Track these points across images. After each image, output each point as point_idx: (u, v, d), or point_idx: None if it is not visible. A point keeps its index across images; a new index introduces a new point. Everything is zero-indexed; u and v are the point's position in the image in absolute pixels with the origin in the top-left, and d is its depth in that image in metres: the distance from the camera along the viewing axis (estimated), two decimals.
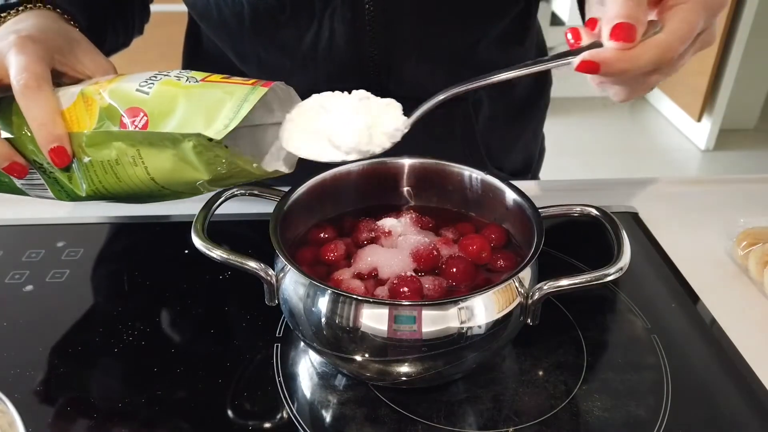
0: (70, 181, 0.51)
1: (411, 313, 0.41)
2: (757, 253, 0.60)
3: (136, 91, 0.48)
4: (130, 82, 0.49)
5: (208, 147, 0.45)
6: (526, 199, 0.51)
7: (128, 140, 0.47)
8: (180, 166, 0.47)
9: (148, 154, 0.47)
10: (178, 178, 0.48)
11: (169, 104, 0.47)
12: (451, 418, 0.46)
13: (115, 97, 0.48)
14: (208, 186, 0.49)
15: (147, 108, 0.47)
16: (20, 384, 0.49)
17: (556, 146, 0.99)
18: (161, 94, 0.48)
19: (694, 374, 0.50)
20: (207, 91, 0.47)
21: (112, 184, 0.50)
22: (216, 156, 0.46)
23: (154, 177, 0.48)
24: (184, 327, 0.56)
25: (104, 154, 0.48)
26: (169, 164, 0.47)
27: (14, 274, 0.61)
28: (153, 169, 0.48)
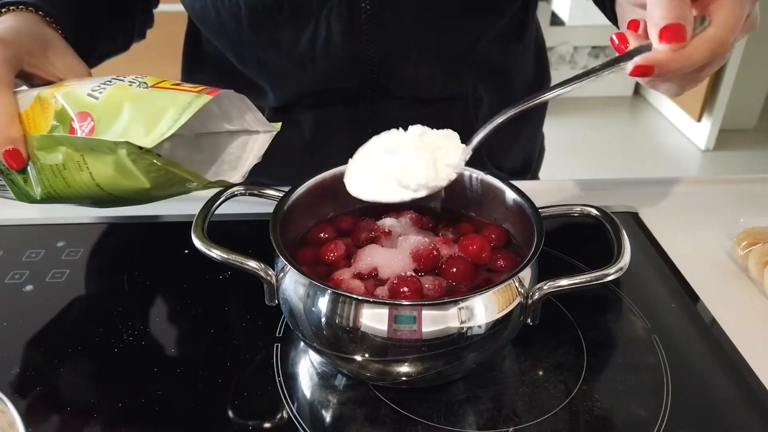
0: (25, 183, 0.52)
1: (411, 313, 0.41)
2: (757, 253, 0.60)
3: (87, 96, 0.49)
4: (83, 87, 0.50)
5: (140, 155, 0.46)
6: (526, 199, 0.51)
7: (72, 146, 0.48)
8: (120, 173, 0.48)
9: (92, 160, 0.48)
10: (121, 186, 0.49)
11: (115, 110, 0.48)
12: (451, 418, 0.46)
13: (67, 100, 0.49)
14: (156, 193, 0.50)
15: (95, 113, 0.48)
16: (20, 384, 0.49)
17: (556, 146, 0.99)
18: (109, 100, 0.48)
19: (694, 374, 0.50)
20: (152, 98, 0.48)
21: (63, 189, 0.51)
22: (151, 164, 0.47)
23: (99, 183, 0.49)
24: (184, 327, 0.56)
25: (52, 159, 0.49)
26: (111, 171, 0.48)
27: (14, 274, 0.61)
28: (97, 175, 0.48)
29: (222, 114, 0.54)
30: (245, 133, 0.55)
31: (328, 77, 0.70)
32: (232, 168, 0.55)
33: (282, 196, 0.52)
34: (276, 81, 0.72)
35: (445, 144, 0.50)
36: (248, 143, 0.56)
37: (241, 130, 0.55)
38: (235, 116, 0.54)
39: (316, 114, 0.74)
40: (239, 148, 0.55)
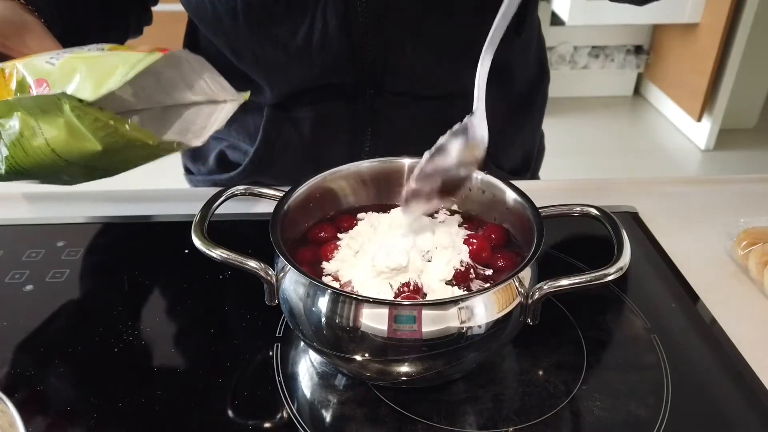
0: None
1: (411, 313, 0.41)
2: (757, 253, 0.60)
3: (45, 63, 0.50)
4: (43, 56, 0.51)
5: (85, 111, 0.46)
6: (526, 199, 0.51)
7: (24, 109, 0.48)
8: (72, 134, 0.47)
9: (45, 125, 0.48)
10: (75, 150, 0.48)
11: (70, 74, 0.48)
12: (451, 418, 0.46)
13: (27, 69, 0.50)
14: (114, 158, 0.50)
15: (51, 78, 0.49)
16: (20, 384, 0.49)
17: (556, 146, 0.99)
18: (65, 65, 0.49)
19: (694, 374, 0.50)
20: (105, 58, 0.48)
21: (23, 159, 0.51)
22: (96, 120, 0.46)
23: (55, 149, 0.49)
24: (184, 327, 0.56)
25: (10, 126, 0.49)
26: (63, 134, 0.48)
27: (14, 273, 0.61)
28: (51, 139, 0.48)
29: (186, 83, 0.54)
30: (212, 103, 0.55)
31: (324, 72, 0.70)
32: (196, 137, 0.55)
33: (282, 196, 0.52)
34: (273, 76, 0.72)
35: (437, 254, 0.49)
36: (214, 113, 0.56)
37: (207, 101, 0.55)
38: (200, 84, 0.54)
39: (315, 112, 0.74)
40: (205, 118, 0.56)
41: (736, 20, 2.47)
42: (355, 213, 0.55)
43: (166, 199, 0.75)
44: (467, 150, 0.50)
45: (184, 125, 0.55)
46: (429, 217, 0.53)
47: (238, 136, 0.79)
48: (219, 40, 0.72)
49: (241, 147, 0.81)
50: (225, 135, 0.81)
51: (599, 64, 3.07)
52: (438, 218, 0.55)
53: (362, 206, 0.57)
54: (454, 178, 0.51)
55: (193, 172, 0.91)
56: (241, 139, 0.80)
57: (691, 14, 2.59)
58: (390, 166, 0.57)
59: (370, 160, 0.56)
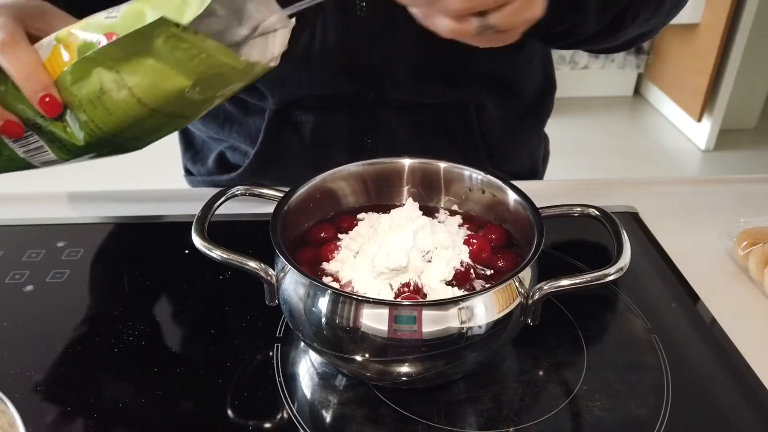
0: (65, 133, 0.51)
1: (411, 313, 0.41)
2: (758, 253, 0.60)
3: (106, 19, 0.48)
4: (99, 15, 0.49)
5: (179, 37, 0.44)
6: (526, 199, 0.51)
7: (106, 60, 0.46)
8: (160, 73, 0.46)
9: (129, 72, 0.46)
10: (163, 92, 0.47)
11: (138, 19, 0.46)
12: (451, 418, 0.46)
13: (88, 29, 0.48)
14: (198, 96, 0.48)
15: (118, 30, 0.47)
16: (20, 384, 0.49)
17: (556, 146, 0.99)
18: (128, 14, 0.47)
19: (695, 374, 0.50)
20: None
21: (104, 120, 0.49)
22: (191, 47, 0.44)
23: (141, 97, 0.47)
24: (184, 327, 0.56)
25: (89, 87, 0.48)
26: (150, 75, 0.46)
27: (14, 274, 0.61)
28: (137, 87, 0.47)
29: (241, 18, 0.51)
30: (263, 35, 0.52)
31: (324, 81, 0.70)
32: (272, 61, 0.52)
33: (282, 196, 0.52)
34: (273, 85, 0.72)
35: None
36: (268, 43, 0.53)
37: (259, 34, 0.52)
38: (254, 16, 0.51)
39: (316, 117, 0.74)
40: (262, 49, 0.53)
41: (736, 20, 2.47)
42: (355, 213, 0.55)
43: (166, 199, 0.75)
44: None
45: None
46: (429, 217, 0.53)
47: (239, 137, 0.79)
48: None
49: (241, 148, 0.81)
50: (226, 136, 0.81)
51: (599, 64, 3.07)
52: (438, 218, 0.55)
53: (362, 207, 0.57)
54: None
55: (193, 173, 0.91)
56: (242, 140, 0.80)
57: (691, 14, 2.59)
58: (390, 166, 0.57)
59: (370, 160, 0.56)
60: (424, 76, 0.71)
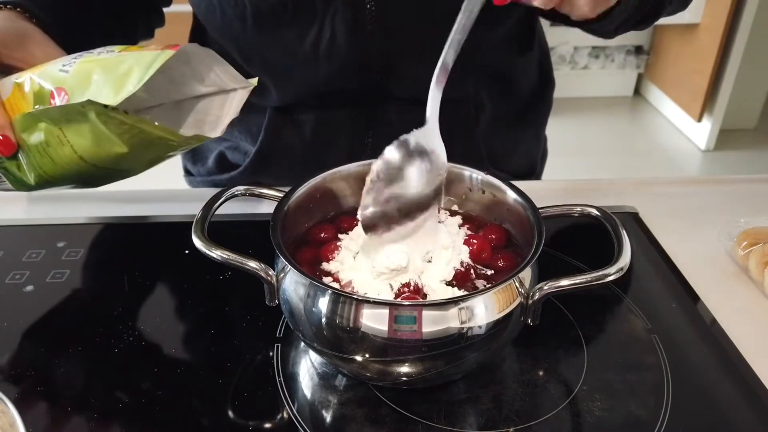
0: (19, 171, 0.53)
1: (411, 314, 0.41)
2: (758, 253, 0.60)
3: (59, 72, 0.50)
4: (55, 64, 0.51)
5: (109, 116, 0.46)
6: (526, 199, 0.51)
7: (49, 119, 0.49)
8: (98, 139, 0.48)
9: (70, 132, 0.49)
10: (102, 154, 0.49)
11: (85, 81, 0.48)
12: (451, 418, 0.46)
13: (43, 78, 0.50)
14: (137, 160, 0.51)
15: (67, 86, 0.49)
16: (20, 384, 0.49)
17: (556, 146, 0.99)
18: (79, 71, 0.49)
19: (695, 374, 0.50)
20: (118, 62, 0.49)
21: (51, 168, 0.52)
22: (121, 123, 0.47)
23: (82, 155, 0.50)
24: (184, 327, 0.56)
25: (36, 138, 0.50)
26: (89, 139, 0.48)
27: (14, 274, 0.61)
28: (78, 146, 0.49)
29: (196, 76, 0.55)
30: (222, 93, 0.56)
31: (330, 78, 0.70)
32: (213, 129, 0.55)
33: (282, 196, 0.52)
34: (280, 81, 0.72)
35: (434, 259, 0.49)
36: (226, 102, 0.56)
37: (218, 91, 0.56)
38: (210, 76, 0.55)
39: (317, 114, 0.74)
40: (218, 108, 0.56)
41: (736, 20, 2.47)
42: (356, 213, 0.55)
43: (166, 199, 0.75)
44: (429, 176, 0.50)
45: (199, 117, 0.57)
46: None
47: (240, 136, 0.80)
48: (227, 44, 0.72)
49: (242, 147, 0.81)
50: (227, 135, 0.81)
51: (599, 64, 3.07)
52: (438, 218, 0.55)
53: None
54: (415, 203, 0.49)
55: (193, 174, 0.91)
56: (243, 139, 0.80)
57: (691, 14, 2.59)
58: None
59: (370, 160, 0.56)
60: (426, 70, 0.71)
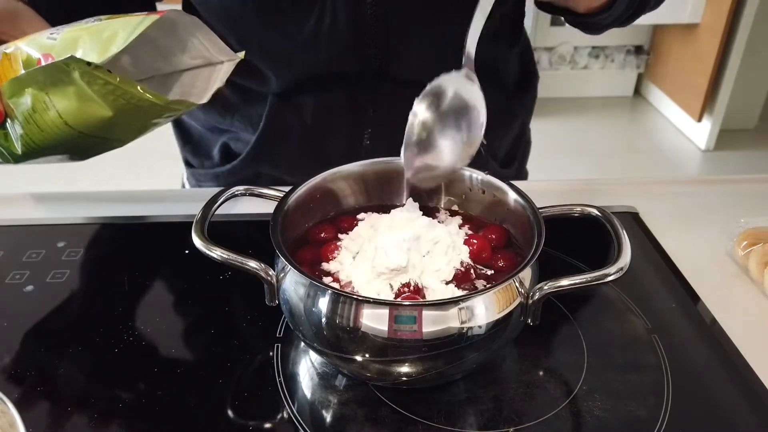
0: (6, 140, 0.53)
1: (411, 314, 0.41)
2: (758, 253, 0.60)
3: (47, 39, 0.50)
4: (44, 33, 0.52)
5: (93, 75, 0.47)
6: (526, 199, 0.51)
7: (35, 83, 0.49)
8: (83, 102, 0.48)
9: (56, 96, 0.49)
10: (87, 118, 0.49)
11: (73, 44, 0.49)
12: (451, 418, 0.46)
13: (30, 45, 0.51)
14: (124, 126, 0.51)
15: (54, 52, 0.49)
16: (20, 384, 0.49)
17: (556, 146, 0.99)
18: (66, 38, 0.50)
19: (695, 374, 0.50)
20: (104, 27, 0.49)
21: (38, 136, 0.51)
22: (106, 84, 0.47)
23: (67, 120, 0.50)
24: (184, 327, 0.56)
25: (22, 104, 0.50)
26: (74, 103, 0.48)
27: (15, 274, 0.61)
28: (63, 111, 0.49)
29: (183, 48, 0.55)
30: (209, 65, 0.57)
31: (330, 62, 0.70)
32: (199, 98, 0.56)
33: (282, 196, 0.52)
34: (278, 65, 0.72)
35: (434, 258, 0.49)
36: (213, 74, 0.57)
37: (205, 64, 0.56)
38: (197, 48, 0.55)
39: (317, 98, 0.75)
40: (204, 80, 0.57)
41: (736, 20, 2.47)
42: (356, 213, 0.55)
43: (167, 199, 0.75)
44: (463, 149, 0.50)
45: (186, 89, 0.57)
46: (429, 217, 0.53)
47: (240, 125, 0.80)
48: (225, 29, 0.72)
49: (243, 137, 0.81)
50: (228, 126, 0.81)
51: (599, 65, 3.07)
52: (438, 218, 0.55)
53: (362, 207, 0.57)
54: None
55: (194, 165, 0.91)
56: (244, 128, 0.80)
57: (692, 14, 2.59)
58: (390, 166, 0.57)
59: (370, 160, 0.56)
60: (423, 54, 0.72)
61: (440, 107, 0.52)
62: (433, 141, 0.52)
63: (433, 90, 0.53)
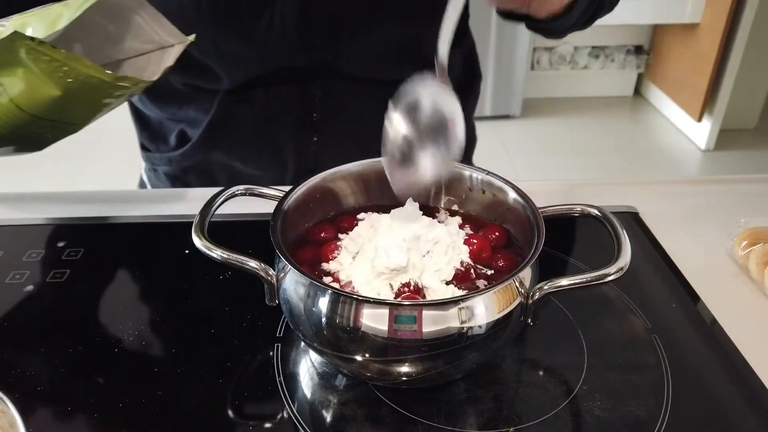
0: None
1: (411, 313, 0.41)
2: (758, 253, 0.60)
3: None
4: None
5: (39, 50, 0.47)
6: (526, 199, 0.51)
7: None
8: (31, 82, 0.49)
9: (5, 78, 0.50)
10: (38, 99, 0.50)
11: (21, 28, 0.50)
12: (451, 418, 0.46)
13: None
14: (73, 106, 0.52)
15: None
16: (20, 384, 0.49)
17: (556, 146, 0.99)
18: (15, 23, 0.51)
19: (695, 374, 0.50)
20: (53, 10, 0.50)
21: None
22: (53, 60, 0.48)
23: (18, 103, 0.50)
24: (184, 327, 0.56)
25: None
26: (23, 83, 0.49)
27: (14, 274, 0.61)
28: (13, 93, 0.50)
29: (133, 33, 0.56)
30: (160, 48, 0.58)
31: (280, 59, 0.73)
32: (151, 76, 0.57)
33: (282, 196, 0.52)
34: (230, 66, 0.74)
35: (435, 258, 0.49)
36: (164, 56, 0.58)
37: (156, 48, 0.57)
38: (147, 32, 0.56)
39: (267, 91, 0.76)
40: (156, 63, 0.58)
41: (736, 20, 2.47)
42: (356, 213, 0.55)
43: (166, 199, 0.75)
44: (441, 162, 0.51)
45: (136, 72, 0.57)
46: (429, 217, 0.53)
47: (194, 114, 0.81)
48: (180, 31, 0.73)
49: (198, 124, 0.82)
50: (183, 116, 0.82)
51: (599, 64, 3.07)
52: (438, 218, 0.55)
53: (362, 206, 0.57)
54: None
55: (150, 150, 0.91)
56: (198, 117, 0.82)
57: (692, 14, 2.59)
58: None
59: (370, 160, 0.56)
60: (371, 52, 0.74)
61: (418, 120, 0.52)
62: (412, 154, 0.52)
63: (408, 99, 0.53)
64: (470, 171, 0.55)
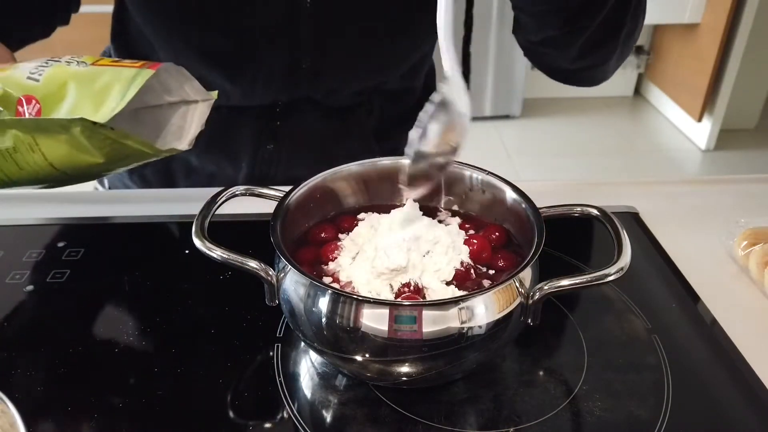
0: None
1: (411, 313, 0.41)
2: (758, 253, 0.60)
3: (27, 79, 0.49)
4: (21, 70, 0.51)
5: (95, 131, 0.47)
6: (526, 199, 0.51)
7: (22, 128, 0.48)
8: (74, 150, 0.48)
9: (44, 141, 0.49)
10: (75, 163, 0.49)
11: (59, 90, 0.48)
12: (451, 418, 0.46)
13: (8, 84, 0.50)
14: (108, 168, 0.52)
15: (38, 95, 0.49)
16: (20, 384, 0.49)
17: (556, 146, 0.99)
18: (51, 81, 0.49)
19: (695, 374, 0.50)
20: (96, 75, 0.49)
21: (14, 172, 0.51)
22: (105, 138, 0.48)
23: (53, 162, 0.50)
24: (184, 327, 0.56)
25: (2, 143, 0.49)
26: (65, 149, 0.48)
27: (15, 274, 0.61)
28: (50, 155, 0.49)
29: (161, 87, 0.56)
30: (184, 103, 0.57)
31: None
32: (177, 138, 0.56)
33: (282, 196, 0.52)
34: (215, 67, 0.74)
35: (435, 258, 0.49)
36: (188, 113, 0.57)
37: (179, 101, 0.57)
38: (174, 88, 0.56)
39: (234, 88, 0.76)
40: (180, 118, 0.57)
41: (737, 20, 2.47)
42: (356, 213, 0.55)
43: (167, 199, 0.75)
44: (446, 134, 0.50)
45: (158, 126, 0.57)
46: (429, 217, 0.53)
47: None
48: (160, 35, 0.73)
49: None
50: None
51: None
52: (438, 218, 0.55)
53: (363, 207, 0.57)
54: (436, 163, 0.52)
55: None
56: None
57: (692, 14, 2.59)
58: (390, 166, 0.57)
59: (370, 160, 0.56)
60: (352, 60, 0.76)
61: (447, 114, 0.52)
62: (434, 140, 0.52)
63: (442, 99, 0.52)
64: (470, 171, 0.55)
